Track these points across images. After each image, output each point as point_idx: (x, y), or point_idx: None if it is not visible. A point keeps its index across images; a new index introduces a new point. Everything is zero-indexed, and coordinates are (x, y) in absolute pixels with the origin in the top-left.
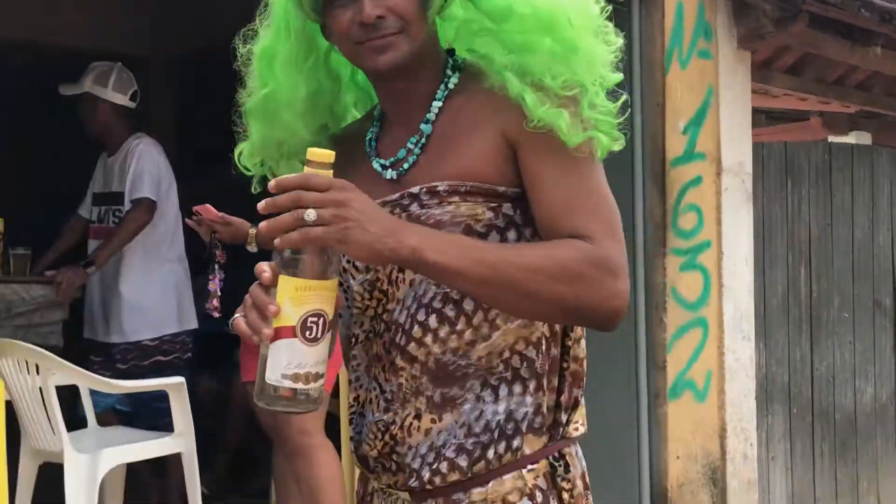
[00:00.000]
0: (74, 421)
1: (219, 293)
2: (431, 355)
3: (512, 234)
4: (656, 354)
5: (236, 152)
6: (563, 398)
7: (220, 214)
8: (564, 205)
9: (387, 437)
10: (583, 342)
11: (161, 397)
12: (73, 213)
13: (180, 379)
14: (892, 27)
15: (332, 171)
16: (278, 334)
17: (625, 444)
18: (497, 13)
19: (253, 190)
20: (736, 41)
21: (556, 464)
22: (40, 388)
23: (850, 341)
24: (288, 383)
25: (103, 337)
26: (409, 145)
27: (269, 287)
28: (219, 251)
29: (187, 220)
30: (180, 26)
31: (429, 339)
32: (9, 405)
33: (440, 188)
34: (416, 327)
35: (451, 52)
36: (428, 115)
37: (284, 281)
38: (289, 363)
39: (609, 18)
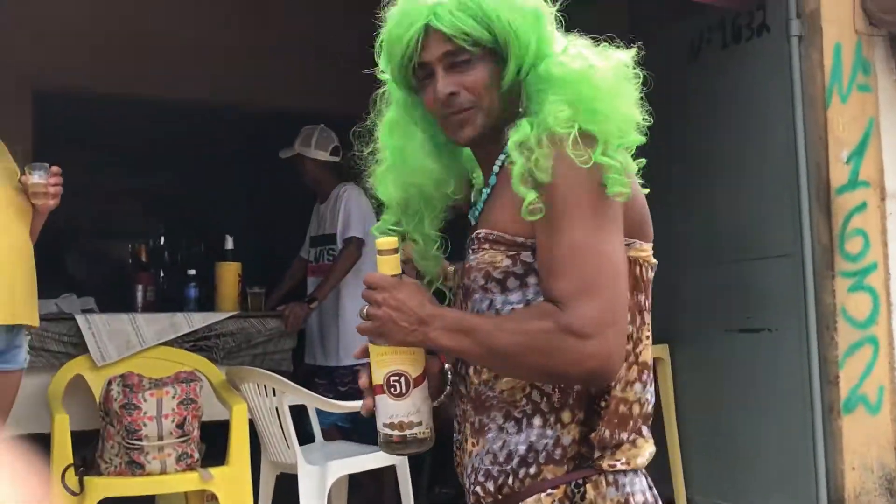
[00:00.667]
0: (302, 436)
1: None
2: (472, 385)
3: (532, 279)
4: (829, 371)
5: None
6: (594, 436)
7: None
8: (546, 267)
9: (457, 458)
10: (636, 386)
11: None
12: (295, 256)
13: None
14: None
15: (397, 255)
16: (375, 392)
17: (802, 456)
18: (544, 78)
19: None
20: (894, 74)
21: (576, 490)
22: (276, 408)
23: None
24: (387, 431)
25: (322, 361)
26: (482, 195)
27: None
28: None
29: None
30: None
31: (471, 370)
32: (251, 423)
33: (480, 235)
34: (466, 362)
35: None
36: (494, 168)
37: (370, 349)
38: (384, 415)
39: (641, 80)
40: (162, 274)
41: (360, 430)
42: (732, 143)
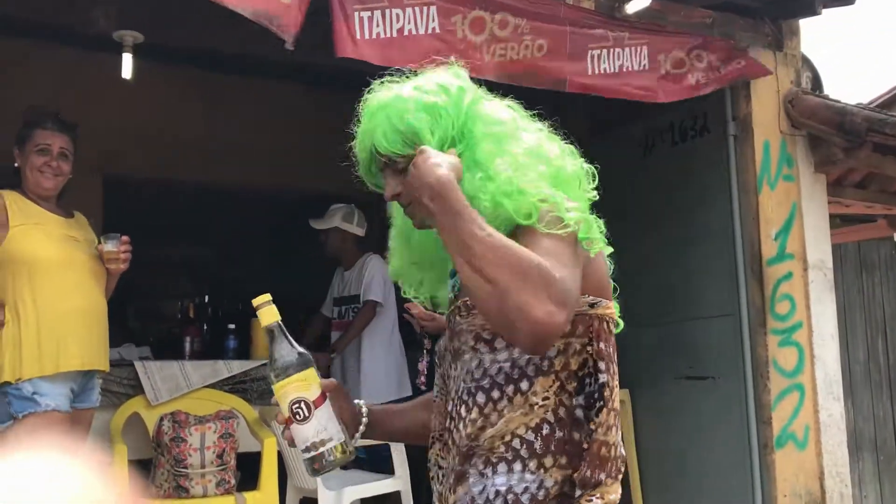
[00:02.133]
0: None
1: (425, 371)
2: (462, 438)
3: None
4: (763, 413)
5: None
6: (577, 476)
7: (426, 311)
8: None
9: None
10: (614, 430)
11: (386, 448)
12: (317, 313)
13: None
14: None
15: (272, 306)
16: (287, 426)
17: (741, 486)
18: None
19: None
20: (813, 167)
21: None
22: None
23: None
24: (306, 455)
25: None
26: None
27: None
28: (426, 339)
29: (405, 315)
30: None
31: (461, 424)
32: (279, 454)
33: (469, 302)
34: (456, 417)
35: None
36: None
37: (274, 389)
38: (300, 442)
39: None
40: (206, 327)
41: (372, 460)
42: (681, 222)
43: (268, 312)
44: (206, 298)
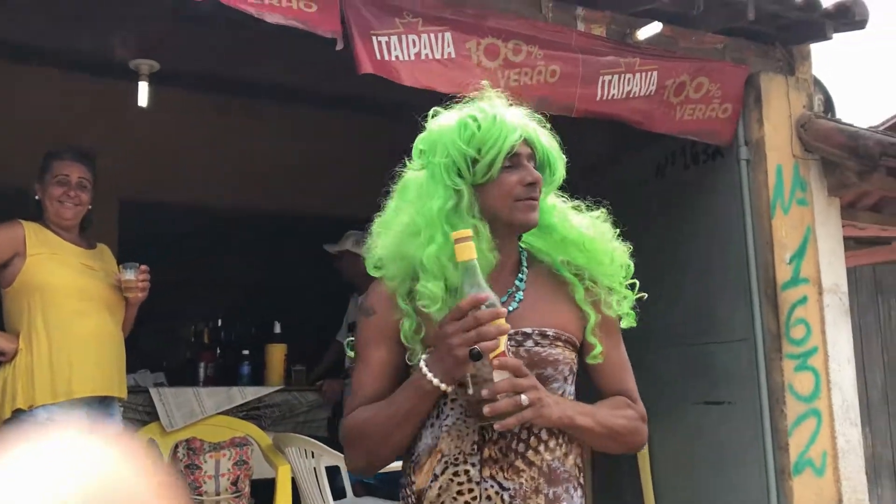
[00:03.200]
0: (335, 491)
1: None
2: (545, 461)
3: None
4: (779, 438)
5: (369, 262)
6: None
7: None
8: (617, 369)
9: None
10: None
11: (399, 475)
12: (333, 340)
13: None
14: None
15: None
16: (490, 361)
17: None
18: (544, 226)
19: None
20: (826, 190)
21: None
22: (315, 469)
23: None
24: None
25: None
26: (511, 292)
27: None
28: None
29: None
30: None
31: (542, 447)
32: (293, 481)
33: (549, 333)
34: (532, 438)
35: None
36: (521, 275)
37: (502, 341)
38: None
39: (619, 236)
40: (220, 353)
41: (384, 487)
42: (695, 247)
43: (469, 248)
44: (220, 322)
